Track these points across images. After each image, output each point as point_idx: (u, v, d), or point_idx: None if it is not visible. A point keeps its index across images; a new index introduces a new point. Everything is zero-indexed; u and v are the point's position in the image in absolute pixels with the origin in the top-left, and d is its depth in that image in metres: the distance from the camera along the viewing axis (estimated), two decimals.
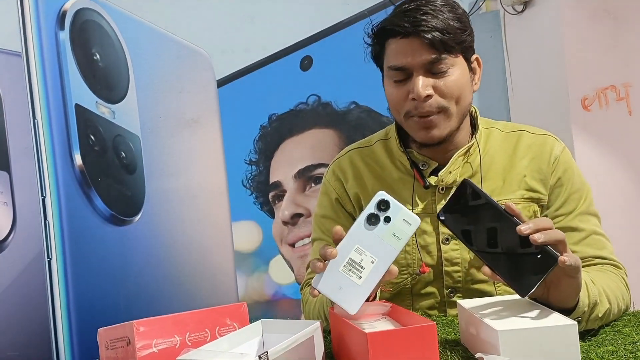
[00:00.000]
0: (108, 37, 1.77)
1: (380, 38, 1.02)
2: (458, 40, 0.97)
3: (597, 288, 0.86)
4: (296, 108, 2.05)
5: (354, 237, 0.74)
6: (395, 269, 0.77)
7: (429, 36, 0.95)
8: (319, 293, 0.74)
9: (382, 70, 1.06)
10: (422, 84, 0.96)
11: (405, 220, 0.74)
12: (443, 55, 0.96)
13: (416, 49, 0.96)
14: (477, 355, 0.69)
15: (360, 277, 0.74)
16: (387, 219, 0.74)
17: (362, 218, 0.74)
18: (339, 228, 0.76)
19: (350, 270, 0.74)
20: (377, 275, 0.74)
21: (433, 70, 0.97)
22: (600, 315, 0.84)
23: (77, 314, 1.55)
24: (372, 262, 0.74)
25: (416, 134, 1.02)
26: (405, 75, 0.99)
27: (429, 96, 0.97)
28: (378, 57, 1.05)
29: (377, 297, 0.91)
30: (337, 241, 0.76)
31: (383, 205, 0.74)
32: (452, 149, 1.05)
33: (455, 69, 0.98)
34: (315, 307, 1.02)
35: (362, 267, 0.74)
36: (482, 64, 1.06)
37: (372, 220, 0.74)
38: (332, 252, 0.73)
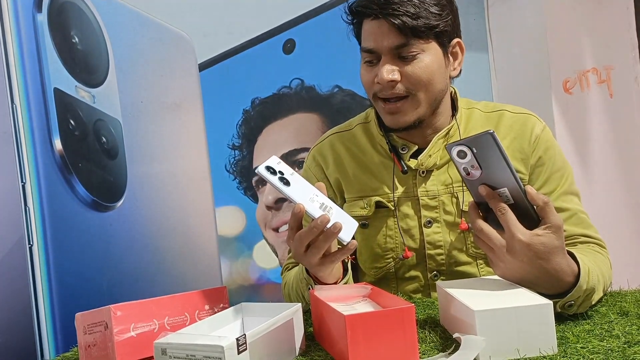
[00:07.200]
0: (87, 20, 1.74)
1: (355, 17, 1.02)
2: (430, 25, 0.95)
3: (596, 274, 0.83)
4: (279, 92, 2.03)
5: (299, 195, 0.77)
6: (354, 242, 0.80)
7: (397, 21, 0.94)
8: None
9: None
10: (387, 69, 0.96)
11: None
12: (412, 41, 0.95)
13: (385, 33, 0.96)
14: (454, 336, 0.70)
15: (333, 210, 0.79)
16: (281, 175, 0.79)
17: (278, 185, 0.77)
18: (300, 207, 0.77)
19: (324, 210, 0.78)
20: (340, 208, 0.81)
21: (401, 55, 0.97)
22: (593, 303, 0.83)
23: (60, 300, 1.55)
24: (327, 199, 0.80)
25: (383, 117, 1.03)
26: (375, 57, 0.99)
27: (393, 81, 0.97)
28: (357, 36, 1.04)
29: (347, 276, 0.92)
30: (300, 219, 0.79)
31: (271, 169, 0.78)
32: (431, 132, 1.05)
33: (426, 54, 0.97)
34: (293, 288, 1.01)
35: (329, 206, 0.79)
36: (466, 47, 1.04)
37: (284, 181, 0.77)
38: (299, 207, 0.76)
